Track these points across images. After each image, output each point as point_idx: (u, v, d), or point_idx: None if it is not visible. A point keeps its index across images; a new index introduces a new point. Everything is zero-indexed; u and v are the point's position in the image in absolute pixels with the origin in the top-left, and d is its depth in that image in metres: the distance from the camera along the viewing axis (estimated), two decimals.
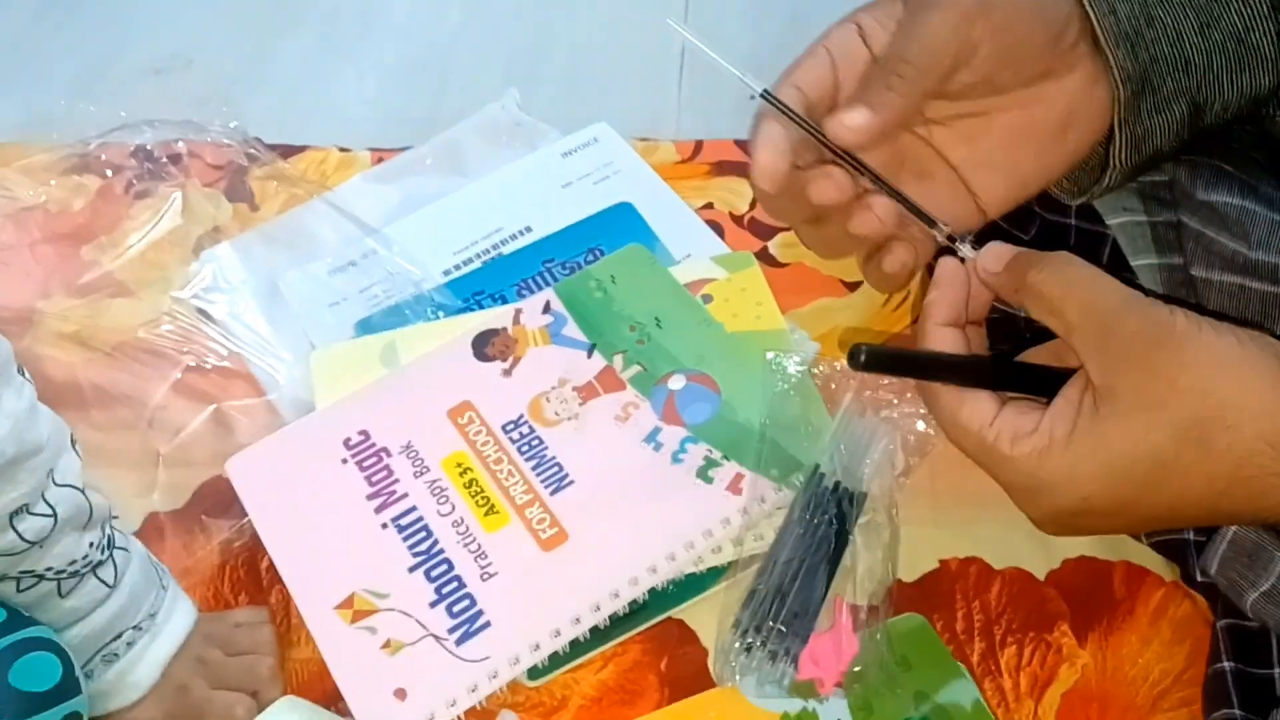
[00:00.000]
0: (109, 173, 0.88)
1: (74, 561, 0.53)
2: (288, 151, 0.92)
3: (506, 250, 0.80)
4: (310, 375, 0.71)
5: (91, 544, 0.54)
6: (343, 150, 0.92)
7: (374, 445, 0.67)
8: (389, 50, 1.11)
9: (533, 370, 0.70)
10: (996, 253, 0.42)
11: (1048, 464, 0.38)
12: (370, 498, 0.65)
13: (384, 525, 0.64)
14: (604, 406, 0.68)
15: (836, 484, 0.61)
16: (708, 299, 0.73)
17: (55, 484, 0.51)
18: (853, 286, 0.77)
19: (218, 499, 0.69)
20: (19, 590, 0.52)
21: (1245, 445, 0.36)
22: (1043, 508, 0.40)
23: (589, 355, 0.71)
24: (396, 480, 0.66)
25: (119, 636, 0.57)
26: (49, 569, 0.52)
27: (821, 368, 0.67)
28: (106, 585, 0.56)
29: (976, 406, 0.41)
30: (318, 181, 0.89)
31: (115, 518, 0.58)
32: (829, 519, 0.60)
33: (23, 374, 0.50)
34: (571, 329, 0.72)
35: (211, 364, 0.75)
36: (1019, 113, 0.44)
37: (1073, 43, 0.44)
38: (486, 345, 0.72)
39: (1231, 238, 0.53)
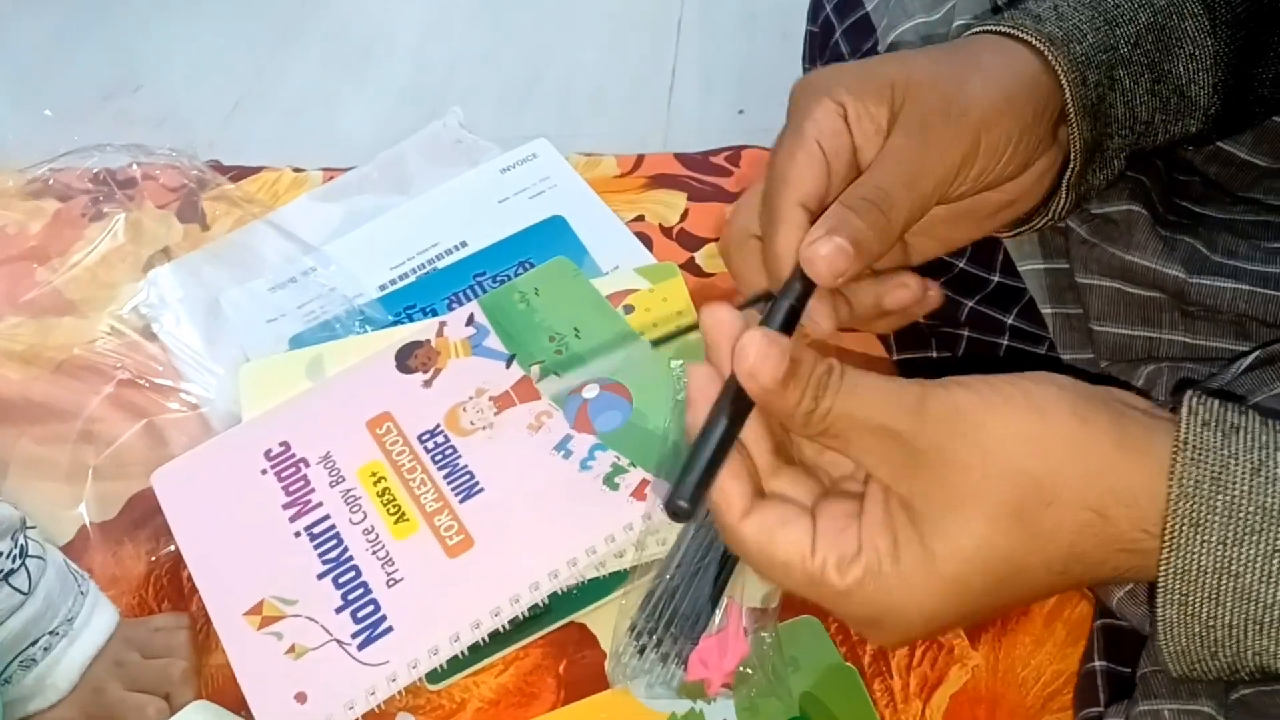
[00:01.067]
0: (66, 197, 0.91)
1: None
2: (242, 174, 0.94)
3: (441, 265, 0.82)
4: (237, 389, 0.73)
5: (1, 553, 0.56)
6: (296, 170, 0.95)
7: (293, 456, 0.69)
8: (390, 76, 1.14)
9: (452, 381, 0.71)
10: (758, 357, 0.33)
11: (883, 587, 0.34)
12: (286, 507, 0.67)
13: (297, 534, 0.65)
14: (518, 416, 0.69)
15: None
16: (629, 309, 0.74)
17: None
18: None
19: (147, 510, 0.71)
20: None
21: (1073, 519, 0.33)
22: (890, 634, 0.36)
23: (508, 366, 0.72)
24: (312, 490, 0.67)
25: (35, 642, 0.59)
26: None
27: None
28: (20, 593, 0.57)
29: (789, 537, 0.35)
30: (267, 202, 0.91)
31: (32, 527, 0.60)
32: None
33: None
34: (493, 340, 0.73)
35: (147, 380, 0.77)
36: (972, 199, 0.42)
37: (1049, 126, 0.42)
38: (409, 357, 0.73)
39: (1113, 243, 0.53)
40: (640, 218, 0.84)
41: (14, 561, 0.57)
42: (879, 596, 0.34)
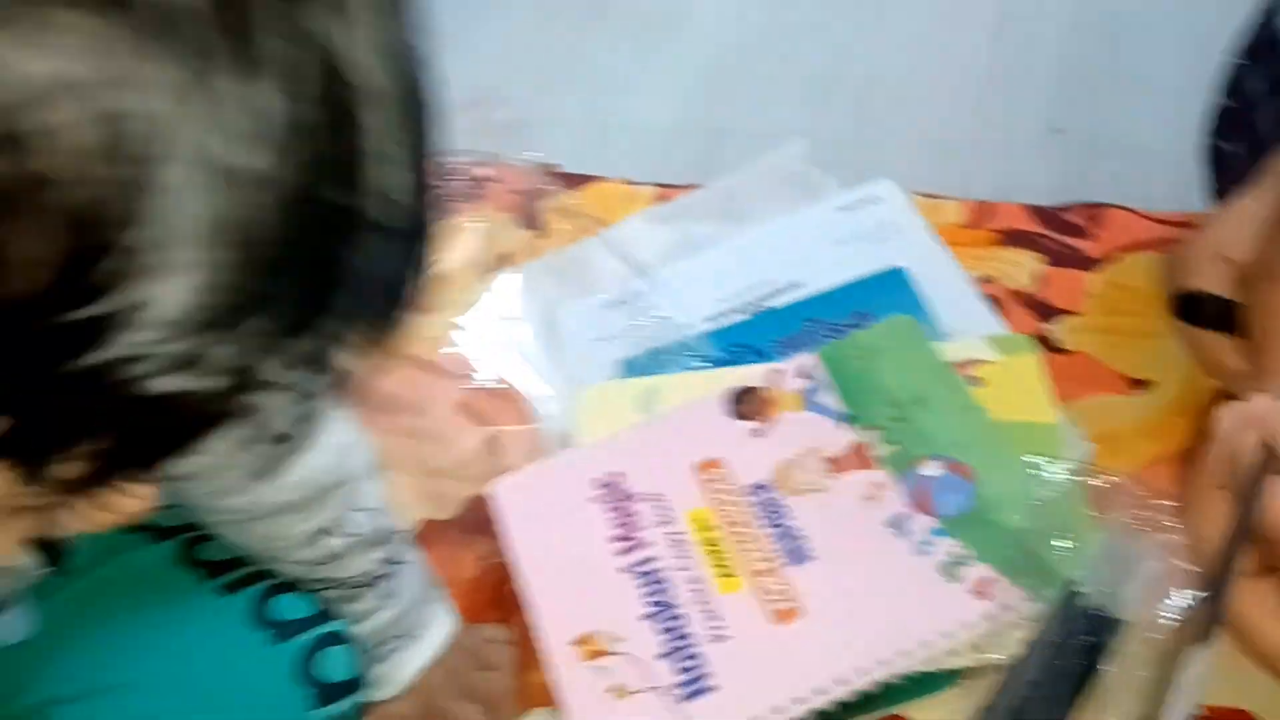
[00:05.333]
0: None
1: (365, 574, 0.59)
2: (577, 181, 0.96)
3: (772, 304, 0.81)
4: (574, 411, 0.75)
5: (377, 560, 0.60)
6: (629, 184, 0.96)
7: (624, 489, 0.70)
8: (685, 66, 1.15)
9: (785, 434, 0.70)
10: None
11: None
12: (613, 540, 0.68)
13: (623, 569, 0.66)
14: (853, 483, 0.67)
15: (1093, 606, 0.58)
16: (975, 382, 0.71)
17: (357, 509, 0.57)
18: (1140, 384, 0.72)
19: (482, 516, 0.74)
20: (317, 591, 0.59)
21: None
22: None
23: (843, 426, 0.70)
24: (641, 527, 0.68)
25: (388, 641, 0.63)
26: (339, 579, 0.59)
27: (1093, 475, 0.63)
28: (385, 596, 0.61)
29: None
30: (600, 215, 0.93)
31: (399, 533, 0.64)
32: (1081, 644, 0.56)
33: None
34: (828, 397, 0.72)
35: (490, 386, 0.80)
36: None
37: None
38: (741, 402, 0.73)
39: None
40: (989, 278, 0.80)
41: (387, 567, 0.61)
42: None
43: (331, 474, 0.55)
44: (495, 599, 0.71)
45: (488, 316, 0.85)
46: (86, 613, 0.58)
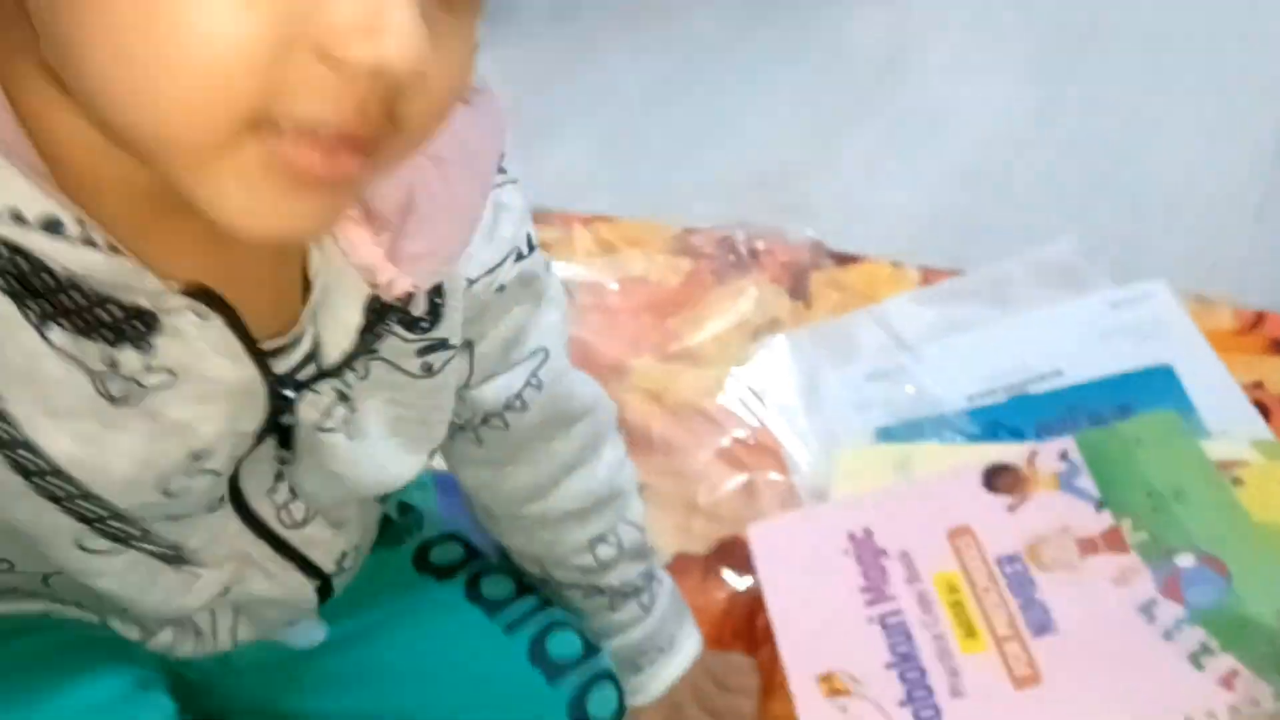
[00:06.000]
0: (699, 257, 1.05)
1: (626, 583, 0.66)
2: (845, 259, 1.03)
3: (1033, 389, 0.84)
4: (831, 468, 0.81)
5: (639, 573, 0.67)
6: (894, 265, 1.02)
7: (875, 545, 0.75)
8: (951, 157, 1.20)
9: (1038, 512, 0.73)
10: None
11: None
12: (863, 590, 0.73)
13: (870, 619, 0.71)
14: (1103, 565, 0.69)
15: None
16: (1237, 482, 0.71)
17: (625, 521, 0.64)
18: None
19: (734, 554, 0.81)
20: (584, 598, 0.66)
21: None
22: None
23: (1097, 510, 0.72)
24: (889, 582, 0.73)
25: (645, 653, 0.69)
26: (609, 586, 0.66)
27: None
28: (644, 608, 0.68)
29: None
30: (865, 292, 0.99)
31: (654, 552, 0.71)
32: None
33: (619, 431, 0.65)
34: (1085, 481, 0.74)
35: (751, 438, 0.87)
36: None
37: None
38: (996, 478, 0.76)
39: None
40: (1259, 383, 0.80)
41: (644, 581, 0.68)
42: None
43: (607, 486, 0.62)
44: (741, 630, 0.77)
45: (755, 374, 0.92)
46: (376, 640, 0.62)
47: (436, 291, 0.46)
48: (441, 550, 0.66)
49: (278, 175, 0.31)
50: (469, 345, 0.51)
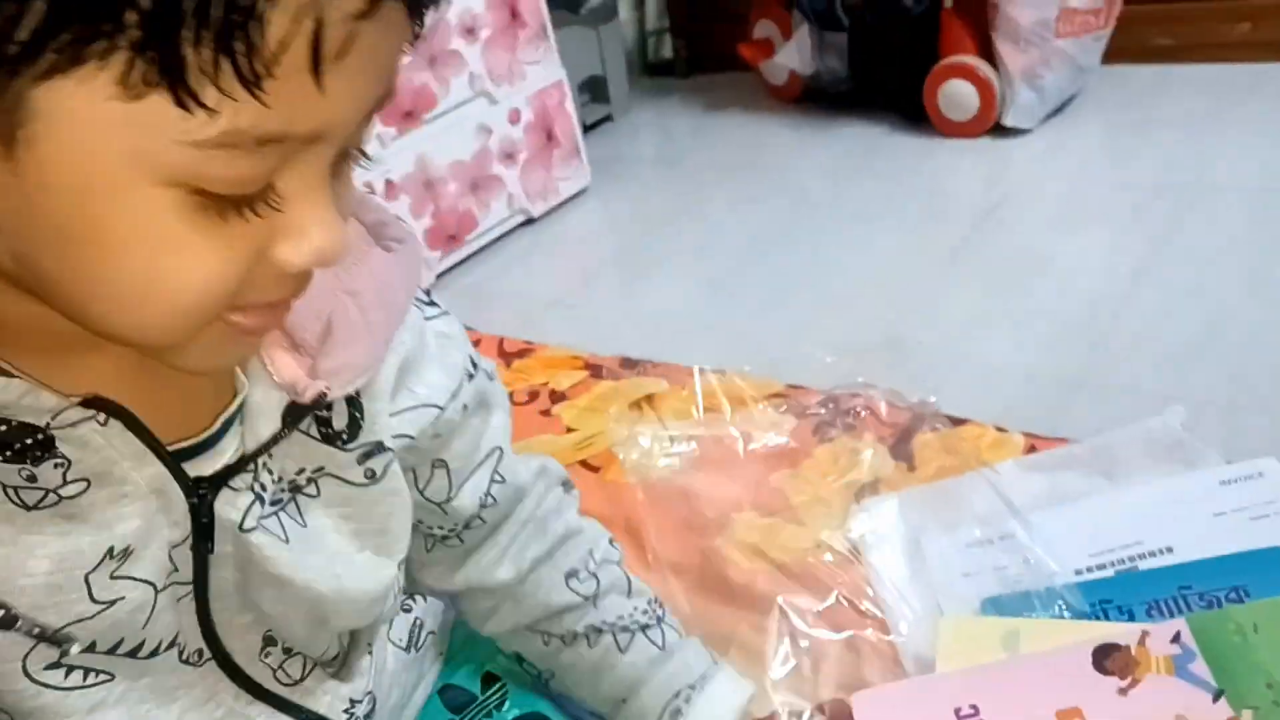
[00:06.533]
0: (801, 415, 1.07)
1: (622, 617, 0.67)
2: (952, 422, 1.04)
3: (1143, 565, 0.83)
4: (936, 637, 0.81)
5: (637, 608, 0.68)
6: (999, 430, 1.03)
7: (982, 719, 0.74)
8: (1046, 312, 1.22)
9: (1151, 697, 0.72)
10: None
11: None
12: None
13: None
14: None
15: None
16: None
17: (595, 561, 0.67)
18: None
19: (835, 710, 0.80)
20: (589, 646, 0.66)
21: None
22: None
23: (1214, 700, 0.71)
24: None
25: (679, 693, 0.67)
26: (604, 622, 0.66)
27: None
28: (656, 646, 0.68)
29: None
30: (969, 455, 1.00)
31: (656, 601, 0.71)
32: None
33: (568, 489, 0.69)
34: (1199, 667, 0.73)
35: (856, 601, 0.88)
36: None
37: None
38: (1107, 658, 0.75)
39: None
40: None
41: (648, 618, 0.68)
42: None
43: (563, 526, 0.67)
44: None
45: (859, 534, 0.93)
46: None
47: (356, 407, 0.52)
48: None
49: (233, 337, 0.41)
50: (443, 464, 0.59)
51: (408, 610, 0.68)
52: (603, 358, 1.27)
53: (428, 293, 0.58)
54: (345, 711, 0.58)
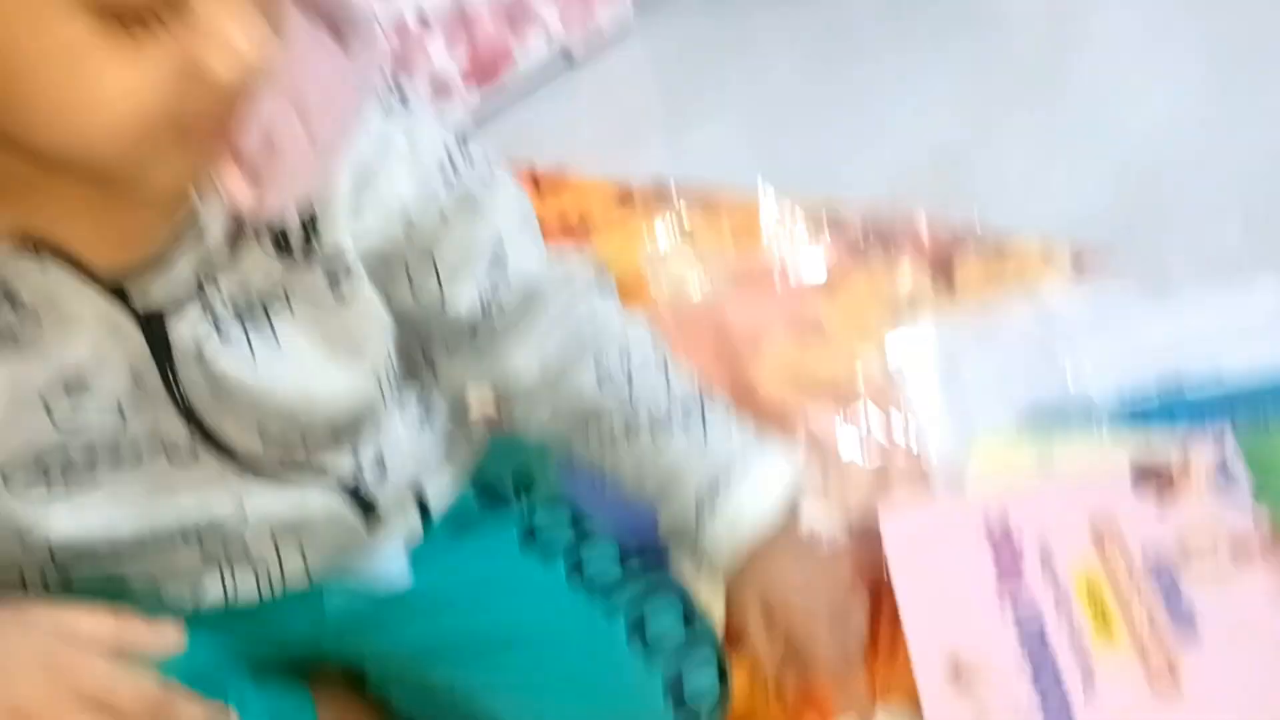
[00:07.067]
0: (839, 234, 1.04)
1: (659, 416, 0.63)
2: (994, 241, 1.00)
3: (1187, 383, 0.80)
4: (968, 455, 0.79)
5: (675, 402, 0.64)
6: (1045, 244, 0.98)
7: (1012, 538, 0.73)
8: (1113, 140, 1.15)
9: (1189, 515, 0.70)
10: None
11: None
12: (997, 580, 0.71)
13: (1004, 610, 0.69)
14: (1259, 576, 0.66)
15: None
16: None
17: (632, 364, 0.63)
18: None
19: (864, 534, 0.79)
20: (629, 444, 0.63)
21: None
22: None
23: (1255, 519, 0.68)
24: (1025, 576, 0.70)
25: (717, 479, 0.63)
26: (641, 422, 0.63)
27: None
28: (699, 438, 0.63)
29: None
30: (1014, 277, 0.96)
31: (709, 397, 0.66)
32: None
33: (603, 289, 0.65)
34: (1242, 484, 0.70)
35: (887, 417, 0.86)
36: None
37: None
38: (1145, 475, 0.73)
39: None
40: None
41: (686, 412, 0.64)
42: None
43: (595, 326, 0.63)
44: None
45: (895, 355, 0.90)
46: (471, 613, 0.64)
47: (311, 224, 0.50)
48: (549, 530, 0.68)
49: (186, 155, 0.41)
50: (431, 270, 0.56)
51: (413, 380, 0.65)
52: (637, 186, 1.23)
53: (399, 86, 0.53)
54: (350, 464, 0.59)
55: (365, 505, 0.60)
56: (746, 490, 0.63)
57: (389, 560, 0.64)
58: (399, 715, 0.73)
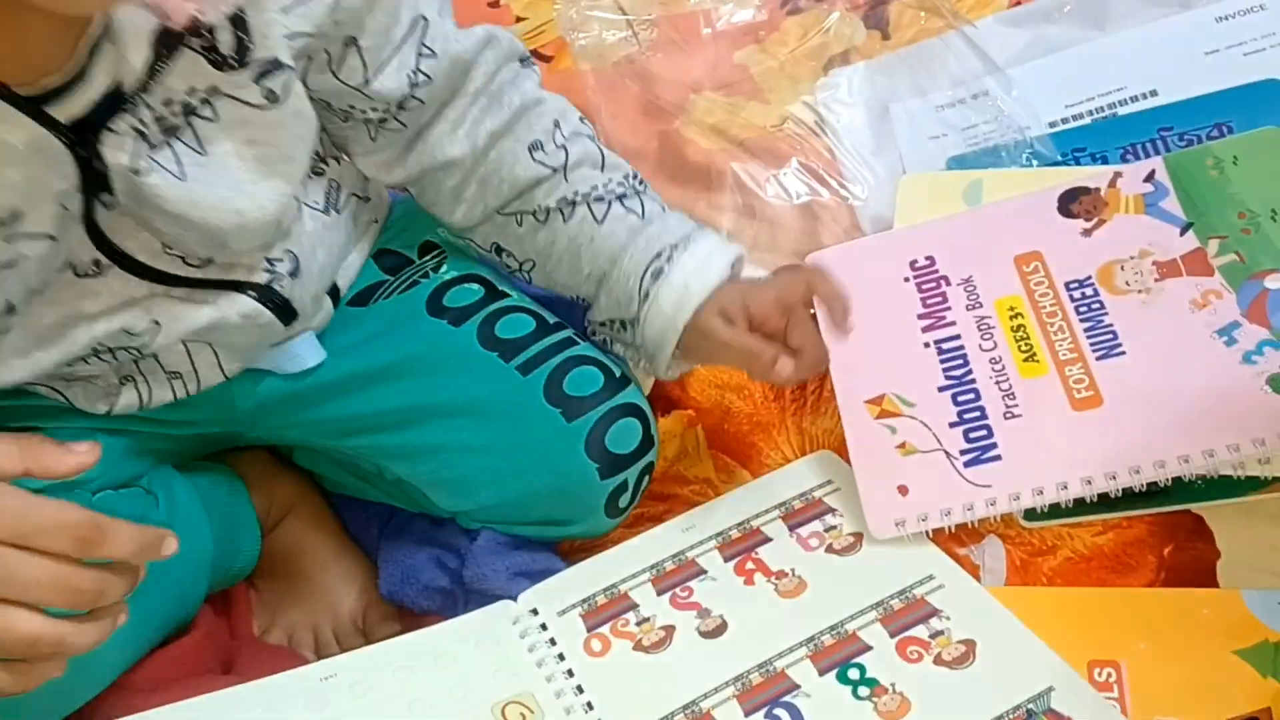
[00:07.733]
0: None
1: (595, 187, 0.62)
2: None
3: (1122, 111, 0.77)
4: (895, 196, 0.76)
5: (612, 179, 0.62)
6: None
7: (936, 272, 0.71)
8: None
9: (1115, 236, 0.69)
10: None
11: None
12: (921, 317, 0.70)
13: (926, 344, 0.69)
14: (1182, 288, 0.65)
15: None
16: None
17: (563, 134, 0.62)
18: None
19: None
20: (564, 221, 0.62)
21: None
22: None
23: (1181, 233, 0.67)
24: (948, 308, 0.69)
25: (659, 255, 0.61)
26: (578, 193, 0.61)
27: None
28: (636, 214, 0.62)
29: None
30: (948, 18, 0.91)
31: (643, 182, 0.64)
32: None
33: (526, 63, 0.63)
34: (1170, 203, 0.69)
35: (815, 167, 0.83)
36: None
37: None
38: (1073, 202, 0.71)
39: None
40: None
41: (624, 189, 0.63)
42: None
43: (519, 97, 0.61)
44: None
45: (823, 103, 0.87)
46: (385, 383, 0.63)
47: (241, 25, 0.49)
48: (458, 293, 0.66)
49: None
50: (353, 42, 0.55)
51: (320, 173, 0.63)
52: None
53: None
54: (265, 270, 0.57)
55: (281, 305, 0.58)
56: (692, 262, 0.60)
57: (300, 344, 0.63)
58: (326, 485, 0.73)
